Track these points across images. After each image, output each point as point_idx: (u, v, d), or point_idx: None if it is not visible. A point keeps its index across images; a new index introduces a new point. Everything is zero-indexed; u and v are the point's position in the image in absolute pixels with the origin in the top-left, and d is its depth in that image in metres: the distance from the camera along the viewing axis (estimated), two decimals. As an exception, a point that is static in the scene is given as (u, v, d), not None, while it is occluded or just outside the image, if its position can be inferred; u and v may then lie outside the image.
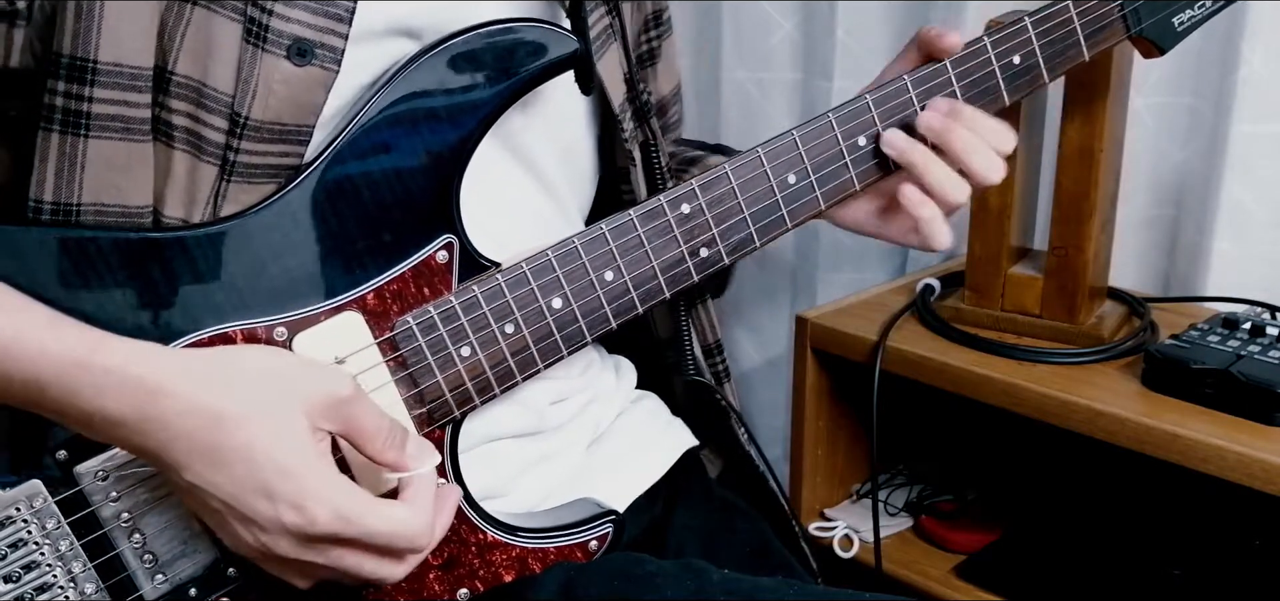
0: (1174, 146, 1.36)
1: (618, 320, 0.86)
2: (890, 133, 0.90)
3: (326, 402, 0.72)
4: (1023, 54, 0.92)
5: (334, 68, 0.78)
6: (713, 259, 0.87)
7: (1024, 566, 1.29)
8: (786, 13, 1.59)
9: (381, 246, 0.80)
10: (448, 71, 0.79)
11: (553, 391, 0.92)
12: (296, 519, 0.69)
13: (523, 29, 0.81)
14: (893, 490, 1.44)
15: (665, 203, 0.85)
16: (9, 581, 0.74)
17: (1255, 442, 1.01)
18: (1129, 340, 1.21)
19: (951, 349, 1.24)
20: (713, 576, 0.86)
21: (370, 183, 0.79)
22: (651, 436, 1.02)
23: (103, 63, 0.74)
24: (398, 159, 0.79)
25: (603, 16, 0.92)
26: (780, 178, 0.88)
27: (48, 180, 0.75)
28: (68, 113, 0.74)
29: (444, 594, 0.85)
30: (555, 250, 0.83)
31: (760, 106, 1.63)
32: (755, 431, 1.06)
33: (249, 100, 0.76)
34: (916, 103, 0.90)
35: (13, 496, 0.74)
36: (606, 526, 0.89)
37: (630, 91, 0.95)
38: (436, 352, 0.81)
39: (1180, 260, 1.38)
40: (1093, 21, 0.93)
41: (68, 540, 0.75)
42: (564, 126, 0.91)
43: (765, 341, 1.73)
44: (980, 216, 1.24)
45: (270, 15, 0.76)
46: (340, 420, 0.73)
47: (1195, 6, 0.95)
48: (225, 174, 0.77)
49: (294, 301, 0.78)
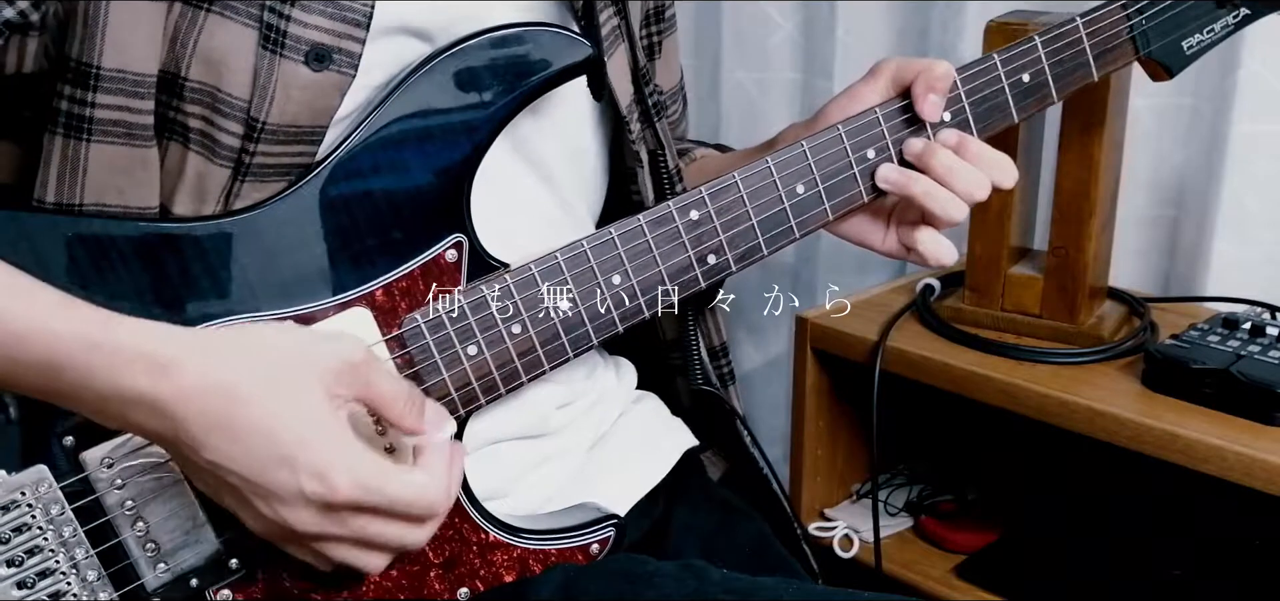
0: (1174, 146, 1.36)
1: (624, 324, 0.86)
2: (883, 168, 0.90)
3: (342, 369, 0.71)
4: (1032, 72, 0.92)
5: (351, 72, 0.78)
6: (721, 266, 0.87)
7: (1024, 566, 1.29)
8: (786, 13, 1.59)
9: (391, 244, 0.80)
10: (462, 75, 0.79)
11: (557, 396, 0.92)
12: (318, 487, 0.69)
13: (537, 33, 0.81)
14: (893, 490, 1.44)
15: (674, 209, 0.86)
16: (11, 565, 0.74)
17: (1255, 442, 1.02)
18: (1129, 340, 1.21)
19: (951, 349, 1.24)
20: (713, 576, 0.86)
21: (381, 181, 0.79)
22: (653, 438, 1.02)
23: (106, 69, 0.74)
24: (409, 159, 0.79)
25: (612, 17, 0.92)
26: (789, 188, 0.88)
27: (51, 182, 0.75)
28: (71, 117, 0.74)
29: (444, 593, 0.85)
30: (564, 253, 0.83)
31: (760, 106, 1.64)
32: (756, 431, 1.06)
33: (266, 106, 0.76)
34: None
35: (18, 481, 0.74)
36: (608, 530, 0.89)
37: (637, 92, 0.95)
38: (443, 351, 0.81)
39: (1180, 260, 1.38)
40: (1102, 42, 0.93)
41: (71, 526, 0.75)
42: (574, 129, 0.91)
43: (765, 341, 1.73)
44: (980, 216, 1.25)
45: (288, 21, 0.76)
46: (357, 385, 0.72)
47: (1205, 31, 0.95)
48: (238, 175, 0.77)
49: (303, 296, 0.78)
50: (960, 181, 0.89)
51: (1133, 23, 0.93)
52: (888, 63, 0.93)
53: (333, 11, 0.77)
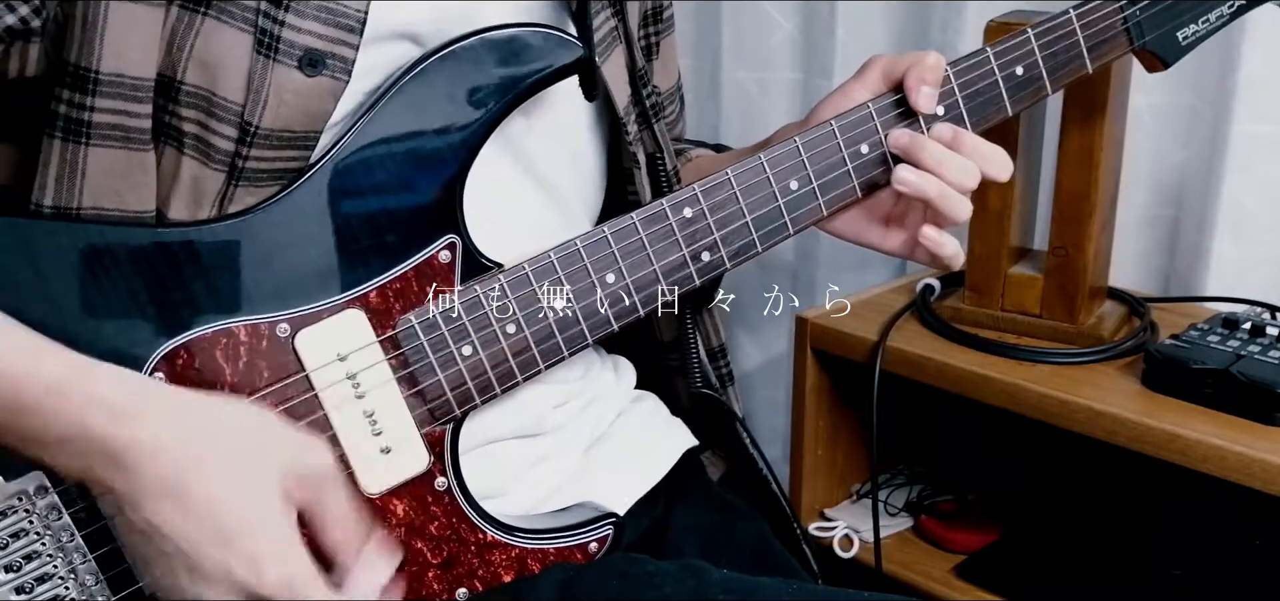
0: (1174, 146, 1.36)
1: (619, 322, 0.86)
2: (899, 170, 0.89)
3: (304, 473, 0.72)
4: (1026, 65, 0.91)
5: (344, 77, 0.78)
6: (715, 263, 0.87)
7: (1024, 566, 1.29)
8: (786, 13, 1.59)
9: (385, 246, 0.80)
10: (453, 76, 0.80)
11: (554, 395, 0.92)
12: (246, 574, 0.68)
13: (528, 34, 0.81)
14: (893, 490, 1.44)
15: (667, 206, 0.86)
16: (10, 571, 0.74)
17: (1255, 442, 1.01)
18: (1129, 340, 1.21)
19: (951, 349, 1.24)
20: (712, 576, 0.86)
21: (374, 183, 0.79)
22: (651, 437, 1.02)
23: (104, 73, 0.74)
24: (402, 161, 0.79)
25: (608, 18, 0.92)
26: (783, 184, 0.88)
27: (49, 185, 0.75)
28: (69, 121, 0.74)
29: (443, 593, 0.85)
30: (557, 251, 0.83)
31: (760, 106, 1.64)
32: (755, 431, 1.06)
33: (260, 110, 0.76)
34: None
35: (16, 486, 0.74)
36: (606, 528, 0.89)
37: (635, 93, 0.95)
38: (438, 351, 0.81)
39: (1180, 260, 1.38)
40: (1096, 34, 0.93)
41: (69, 531, 0.75)
42: (570, 131, 0.91)
43: (765, 341, 1.73)
44: (980, 216, 1.25)
45: (282, 26, 0.76)
46: (312, 494, 0.72)
47: (1200, 22, 0.95)
48: (232, 179, 0.77)
49: (297, 298, 0.78)
50: (951, 172, 0.88)
51: (1126, 14, 0.93)
52: (878, 59, 0.92)
53: (326, 17, 0.77)
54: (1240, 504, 1.06)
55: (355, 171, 0.79)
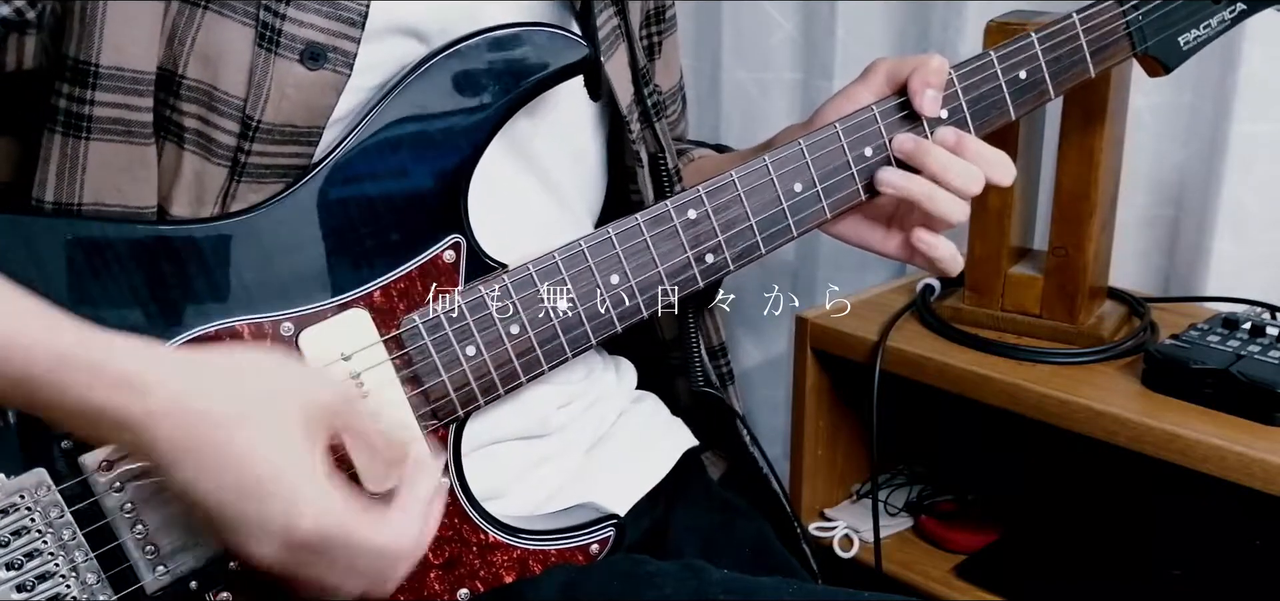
0: (1174, 146, 1.36)
1: (623, 324, 0.86)
2: (884, 172, 0.89)
3: (321, 406, 0.71)
4: (1029, 69, 0.92)
5: (346, 71, 0.78)
6: (719, 265, 0.87)
7: (1024, 566, 1.29)
8: (786, 13, 1.59)
9: (389, 245, 0.80)
10: (458, 76, 0.79)
11: (557, 396, 0.92)
12: (282, 523, 0.68)
13: (534, 33, 0.81)
14: (893, 490, 1.44)
15: (672, 208, 0.86)
16: (11, 568, 0.74)
17: (1255, 442, 1.02)
18: (1129, 340, 1.21)
19: (951, 349, 1.24)
20: (713, 576, 0.86)
21: (379, 182, 0.79)
22: (652, 438, 1.02)
23: (104, 67, 0.74)
24: (406, 160, 0.79)
25: (611, 17, 0.92)
26: (787, 187, 0.88)
27: (50, 180, 0.75)
28: (70, 115, 0.74)
29: (444, 593, 0.85)
30: (562, 252, 0.83)
31: (760, 106, 1.64)
32: (755, 431, 1.06)
33: (262, 104, 0.76)
34: None
35: (17, 484, 0.74)
36: (608, 530, 0.89)
37: (637, 92, 0.95)
38: (442, 352, 0.81)
39: (1180, 260, 1.38)
40: (1099, 38, 0.93)
41: (70, 529, 0.75)
42: (573, 130, 0.91)
43: (765, 341, 1.73)
44: (980, 216, 1.25)
45: (283, 19, 0.76)
46: (336, 424, 0.72)
47: (1201, 27, 0.95)
48: (235, 175, 0.77)
49: (301, 297, 0.78)
50: (955, 177, 0.88)
51: (1129, 19, 0.93)
52: (882, 62, 0.93)
53: (328, 11, 0.77)
54: (1240, 504, 1.06)
55: (359, 170, 0.79)
